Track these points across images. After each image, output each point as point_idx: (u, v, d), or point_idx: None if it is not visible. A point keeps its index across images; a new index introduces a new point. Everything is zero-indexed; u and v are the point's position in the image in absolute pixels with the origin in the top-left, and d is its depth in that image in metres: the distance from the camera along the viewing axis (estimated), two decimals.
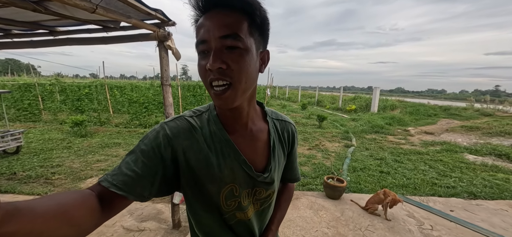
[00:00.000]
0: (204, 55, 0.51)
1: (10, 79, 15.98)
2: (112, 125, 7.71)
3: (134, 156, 0.52)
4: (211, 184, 0.58)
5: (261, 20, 0.52)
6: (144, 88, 9.87)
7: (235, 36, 0.48)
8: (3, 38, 2.38)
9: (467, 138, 6.87)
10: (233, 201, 0.60)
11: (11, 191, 3.14)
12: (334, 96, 20.45)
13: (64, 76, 29.30)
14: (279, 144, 0.69)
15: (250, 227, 0.66)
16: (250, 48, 0.50)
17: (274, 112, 0.74)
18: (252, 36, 0.51)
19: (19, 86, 9.17)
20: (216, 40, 0.48)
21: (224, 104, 0.52)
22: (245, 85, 0.52)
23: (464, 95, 68.44)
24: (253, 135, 0.63)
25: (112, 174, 0.49)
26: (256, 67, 0.54)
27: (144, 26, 1.78)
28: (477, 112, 10.38)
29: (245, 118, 0.61)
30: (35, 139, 5.80)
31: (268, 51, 0.59)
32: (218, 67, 0.48)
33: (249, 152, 0.61)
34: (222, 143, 0.59)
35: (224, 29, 0.47)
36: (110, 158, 4.56)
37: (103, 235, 2.27)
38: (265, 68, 0.59)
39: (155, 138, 0.54)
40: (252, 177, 0.61)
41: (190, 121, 0.59)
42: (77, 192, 0.42)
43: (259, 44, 0.54)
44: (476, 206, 3.07)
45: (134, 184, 0.49)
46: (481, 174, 4.14)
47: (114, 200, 0.47)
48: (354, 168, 4.32)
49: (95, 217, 0.43)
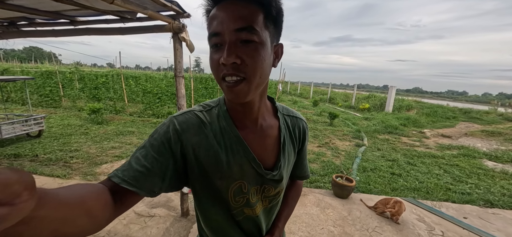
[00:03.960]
0: (217, 48, 0.49)
1: (33, 66, 16.82)
2: (127, 114, 7.97)
3: (144, 151, 0.51)
4: (220, 180, 0.57)
5: (276, 11, 0.49)
6: (158, 79, 10.08)
7: (251, 29, 0.46)
8: (27, 27, 2.50)
9: (487, 143, 6.54)
10: (241, 198, 0.60)
11: (33, 172, 3.34)
12: (347, 94, 20.00)
13: (83, 65, 30.45)
14: (289, 141, 0.68)
15: (258, 223, 0.65)
16: (265, 42, 0.48)
17: (285, 108, 0.72)
18: (267, 29, 0.49)
19: (42, 73, 9.64)
20: (231, 33, 0.46)
21: (236, 98, 0.50)
22: (259, 80, 0.50)
23: (487, 98, 64.85)
24: (263, 131, 0.62)
25: (122, 169, 0.49)
26: (270, 61, 0.52)
27: (160, 17, 1.81)
28: (501, 117, 9.81)
29: (255, 113, 0.59)
30: (55, 124, 6.11)
31: (282, 45, 0.56)
32: (233, 62, 0.46)
33: (259, 149, 0.60)
34: (231, 139, 0.57)
35: (239, 21, 0.45)
36: (124, 145, 4.74)
37: (117, 219, 2.38)
38: (278, 62, 0.57)
39: (165, 132, 0.53)
40: (261, 175, 0.60)
41: (200, 115, 0.58)
42: (92, 184, 0.42)
43: (274, 37, 0.52)
44: (492, 215, 2.94)
45: (144, 179, 0.48)
46: (500, 182, 3.94)
47: (124, 196, 0.47)
48: (364, 168, 4.24)
49: (109, 211, 0.43)
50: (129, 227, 2.30)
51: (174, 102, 8.43)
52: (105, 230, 2.21)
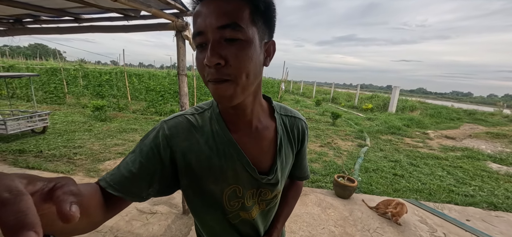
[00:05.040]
0: (202, 48, 0.45)
1: (39, 63, 17.00)
2: (130, 111, 8.02)
3: (133, 156, 0.50)
4: (213, 185, 0.55)
5: (265, 5, 0.45)
6: (161, 77, 10.14)
7: (235, 26, 0.41)
8: (32, 24, 2.52)
9: (492, 145, 6.46)
10: (236, 202, 0.58)
11: (38, 167, 3.39)
12: (350, 94, 19.90)
13: (87, 62, 30.70)
14: (287, 142, 0.64)
15: (255, 225, 0.64)
16: (252, 39, 0.44)
17: (283, 108, 0.68)
18: (254, 25, 0.44)
19: (46, 70, 9.76)
20: (213, 31, 0.42)
21: (222, 101, 0.47)
22: (246, 81, 0.46)
23: (493, 100, 64.00)
24: (258, 133, 0.59)
25: (110, 174, 0.48)
26: (259, 60, 0.48)
27: (163, 15, 1.82)
28: (506, 118, 9.70)
29: (249, 115, 0.56)
30: (59, 121, 6.18)
31: (273, 42, 0.52)
32: (216, 63, 0.42)
33: (254, 152, 0.57)
34: (224, 142, 0.55)
35: (222, 18, 0.41)
36: (127, 143, 4.77)
37: (119, 215, 2.40)
38: (270, 61, 0.53)
39: (154, 137, 0.52)
40: (256, 179, 0.58)
41: (191, 119, 0.56)
42: (89, 184, 0.42)
43: (264, 33, 0.48)
44: (496, 218, 2.91)
45: (131, 185, 0.47)
46: (504, 184, 3.90)
47: (111, 200, 0.46)
48: (366, 168, 4.22)
49: (102, 211, 0.43)
50: (131, 224, 2.32)
51: (177, 100, 8.47)
52: (107, 226, 2.24)
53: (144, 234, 2.21)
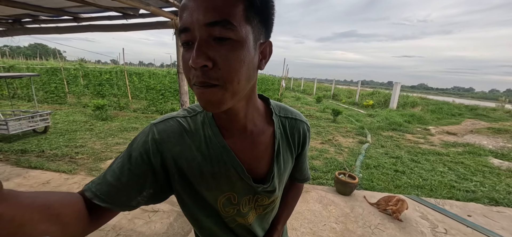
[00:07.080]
0: (188, 47, 0.39)
1: (39, 63, 17.04)
2: (131, 110, 8.04)
3: (121, 162, 0.46)
4: (207, 191, 0.52)
5: (262, 1, 0.40)
6: (161, 75, 10.13)
7: (225, 24, 0.36)
8: (32, 24, 2.52)
9: (493, 140, 6.44)
10: (231, 208, 0.55)
11: (40, 167, 3.40)
12: (351, 90, 19.85)
13: (87, 62, 30.72)
14: (286, 147, 0.60)
15: (252, 229, 0.62)
16: (245, 40, 0.38)
17: (283, 109, 0.63)
18: (249, 23, 0.39)
19: (47, 70, 9.77)
20: (201, 29, 0.36)
21: (208, 106, 0.41)
22: (237, 87, 0.40)
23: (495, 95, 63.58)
24: (253, 138, 0.54)
25: (96, 182, 0.45)
26: (253, 64, 0.42)
27: (162, 13, 1.81)
28: (508, 114, 9.64)
29: (242, 120, 0.51)
30: (61, 120, 6.19)
31: (270, 43, 0.46)
32: (203, 65, 0.37)
33: (249, 158, 0.54)
34: (217, 149, 0.51)
35: (211, 13, 0.36)
36: (128, 141, 4.76)
37: (121, 213, 2.42)
38: (266, 64, 0.47)
39: (144, 142, 0.48)
40: (251, 186, 0.55)
41: (182, 123, 0.51)
42: (67, 193, 0.40)
43: (259, 33, 0.42)
44: (497, 213, 2.91)
45: (119, 194, 0.44)
46: (505, 180, 3.89)
47: (98, 211, 0.43)
48: (367, 165, 4.22)
49: (83, 222, 0.40)
50: (133, 222, 2.33)
51: (178, 98, 8.46)
52: (110, 225, 2.25)
53: (146, 232, 2.22)
